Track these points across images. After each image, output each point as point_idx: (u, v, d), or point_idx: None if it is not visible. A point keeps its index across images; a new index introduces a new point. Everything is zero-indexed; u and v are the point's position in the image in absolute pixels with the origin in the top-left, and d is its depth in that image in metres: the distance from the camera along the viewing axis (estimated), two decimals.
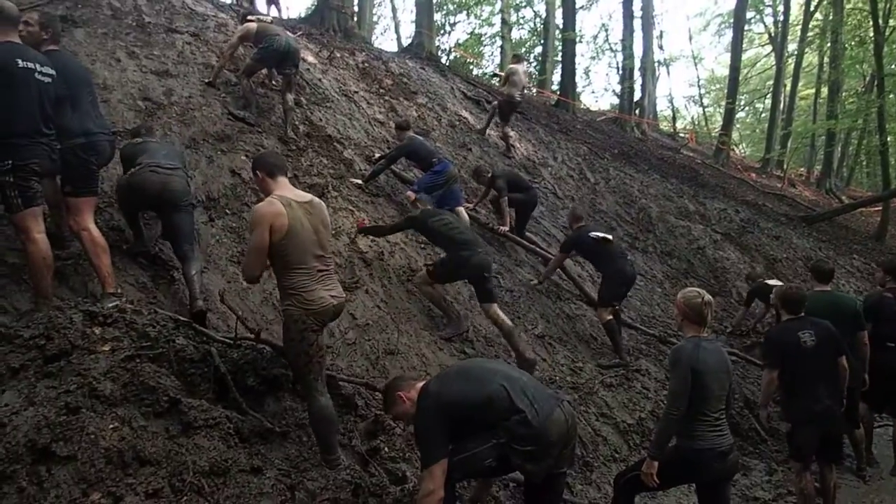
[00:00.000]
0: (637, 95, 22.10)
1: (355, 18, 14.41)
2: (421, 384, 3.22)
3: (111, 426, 2.87)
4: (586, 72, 33.46)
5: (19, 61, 3.44)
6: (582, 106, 23.16)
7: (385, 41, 29.70)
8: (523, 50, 29.91)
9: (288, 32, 7.77)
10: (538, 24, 28.59)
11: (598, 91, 63.34)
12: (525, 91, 10.93)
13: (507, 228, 7.94)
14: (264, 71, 7.83)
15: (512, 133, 11.28)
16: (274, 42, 6.94)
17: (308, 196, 3.56)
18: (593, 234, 6.78)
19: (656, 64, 26.28)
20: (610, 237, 6.92)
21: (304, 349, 3.35)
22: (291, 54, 7.09)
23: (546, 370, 6.04)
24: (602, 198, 11.81)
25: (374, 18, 25.49)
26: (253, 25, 7.31)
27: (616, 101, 27.63)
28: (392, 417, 3.70)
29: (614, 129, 18.98)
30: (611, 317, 6.63)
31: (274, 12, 12.13)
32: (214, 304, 4.53)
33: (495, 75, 13.56)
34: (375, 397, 4.36)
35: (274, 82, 7.95)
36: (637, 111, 21.63)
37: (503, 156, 10.87)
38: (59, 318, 3.33)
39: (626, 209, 11.85)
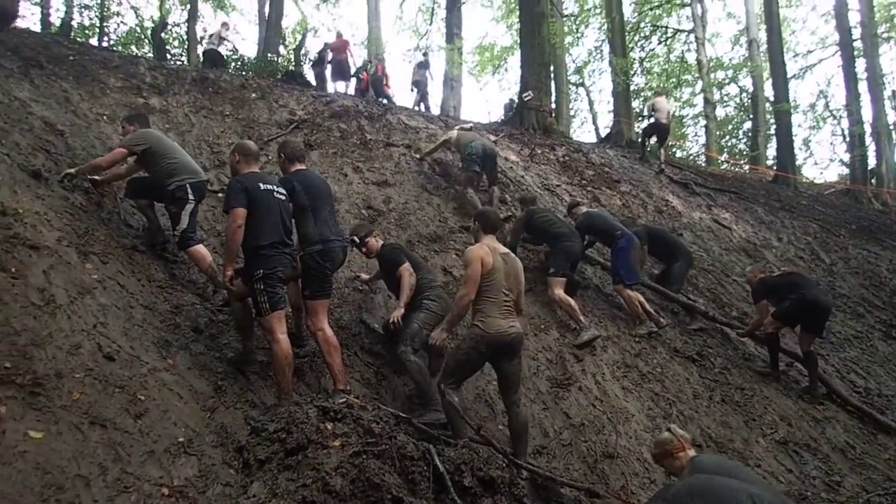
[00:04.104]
0: (871, 163, 19.63)
1: (553, 115, 14.83)
2: None
3: None
4: (805, 143, 30.73)
5: (260, 185, 4.04)
6: (804, 180, 21.11)
7: (583, 133, 30.09)
8: (730, 127, 28.55)
9: (487, 135, 8.23)
10: (745, 99, 27.15)
11: (821, 162, 56.54)
12: (668, 120, 12.47)
13: (726, 321, 7.40)
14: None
15: (663, 153, 12.97)
16: (472, 148, 7.53)
17: (505, 249, 4.43)
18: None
19: (891, 127, 23.30)
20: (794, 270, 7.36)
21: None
22: (490, 154, 7.63)
23: (794, 483, 5.20)
24: (842, 280, 10.37)
25: (572, 112, 26.09)
26: (454, 133, 8.03)
27: (845, 170, 24.92)
28: None
29: (847, 203, 16.88)
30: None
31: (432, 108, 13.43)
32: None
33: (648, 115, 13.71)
34: None
35: (480, 184, 8.40)
36: (873, 180, 19.14)
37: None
38: (298, 413, 3.59)
39: (874, 292, 10.24)
